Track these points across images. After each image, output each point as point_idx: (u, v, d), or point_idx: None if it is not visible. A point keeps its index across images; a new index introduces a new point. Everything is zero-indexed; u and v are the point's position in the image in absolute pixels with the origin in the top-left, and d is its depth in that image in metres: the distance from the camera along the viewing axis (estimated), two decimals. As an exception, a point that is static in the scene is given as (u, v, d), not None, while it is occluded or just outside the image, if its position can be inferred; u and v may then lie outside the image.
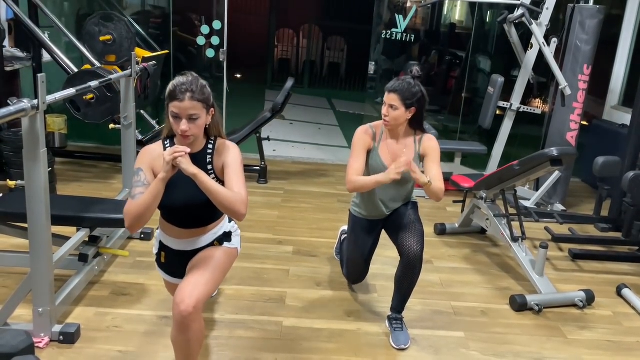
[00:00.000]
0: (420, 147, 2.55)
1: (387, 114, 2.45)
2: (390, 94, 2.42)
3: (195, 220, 1.97)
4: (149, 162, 1.89)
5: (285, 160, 5.52)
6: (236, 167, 1.90)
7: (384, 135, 2.56)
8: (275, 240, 3.63)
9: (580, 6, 4.14)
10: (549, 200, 4.43)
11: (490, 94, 4.37)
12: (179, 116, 1.79)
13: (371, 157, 2.54)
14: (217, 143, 1.95)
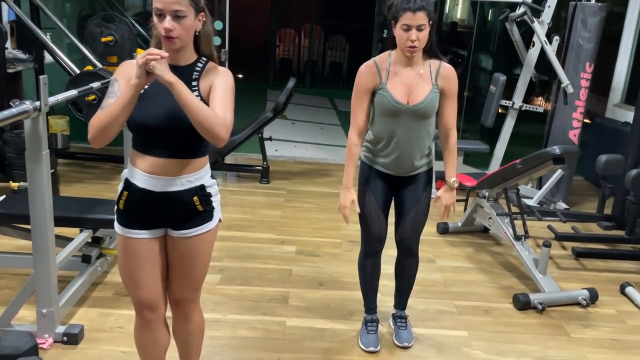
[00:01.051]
0: (439, 78, 2.19)
1: (416, 38, 2.04)
2: (417, 12, 2.01)
3: (168, 146, 1.66)
4: (128, 74, 1.62)
5: (288, 160, 5.52)
6: (225, 90, 1.67)
7: (392, 67, 2.20)
8: (278, 240, 3.63)
9: (582, 4, 4.13)
10: (552, 199, 4.42)
11: (492, 93, 4.36)
12: (163, 13, 1.57)
13: (379, 95, 2.20)
14: (208, 64, 1.72)
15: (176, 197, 1.70)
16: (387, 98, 2.17)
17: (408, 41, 2.06)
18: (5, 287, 2.81)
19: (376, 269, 2.49)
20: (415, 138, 2.23)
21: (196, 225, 1.75)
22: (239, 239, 3.60)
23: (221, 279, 3.06)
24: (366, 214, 2.37)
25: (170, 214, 1.73)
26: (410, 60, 2.16)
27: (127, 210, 1.73)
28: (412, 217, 2.36)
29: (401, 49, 2.13)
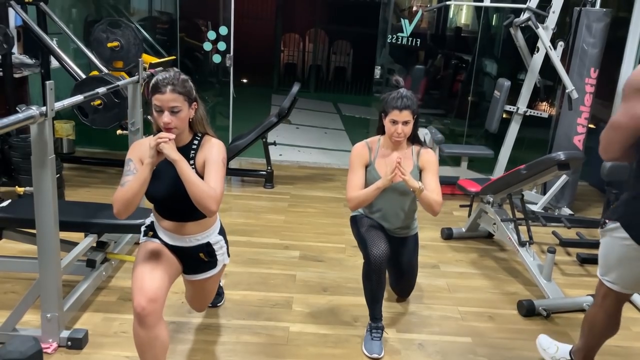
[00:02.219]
0: (419, 159, 2.59)
1: (401, 131, 2.46)
2: (404, 111, 2.43)
3: (176, 213, 2.03)
4: (139, 154, 1.97)
5: (292, 165, 5.53)
6: (216, 162, 1.96)
7: (381, 150, 2.60)
8: (282, 245, 3.64)
9: (586, 10, 4.12)
10: (557, 204, 4.40)
11: (497, 98, 4.36)
12: (162, 109, 1.87)
13: (368, 172, 2.59)
14: (203, 139, 2.02)
15: (185, 251, 2.10)
16: (374, 175, 2.55)
17: (395, 133, 2.46)
18: (10, 292, 2.82)
19: (381, 281, 2.53)
20: (399, 210, 2.64)
21: (202, 271, 2.19)
22: (243, 244, 3.61)
23: (225, 284, 3.06)
24: (366, 236, 2.56)
25: (182, 261, 2.13)
26: (396, 146, 2.56)
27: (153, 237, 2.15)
28: (408, 279, 2.88)
29: (389, 137, 2.53)
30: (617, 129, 1.82)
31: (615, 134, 1.83)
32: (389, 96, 2.50)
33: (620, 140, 1.82)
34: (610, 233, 2.01)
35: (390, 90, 2.56)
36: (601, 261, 2.12)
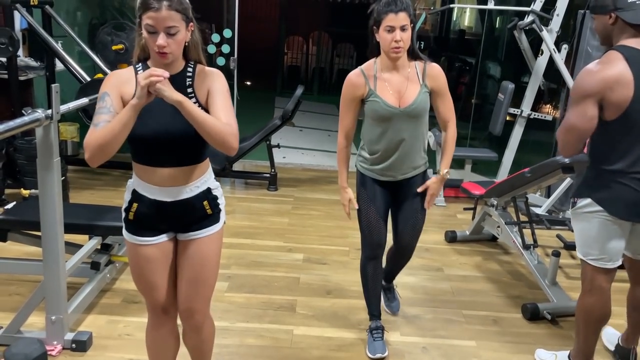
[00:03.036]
0: (426, 77, 2.23)
1: (400, 38, 2.07)
2: (400, 13, 2.05)
3: (172, 157, 1.68)
4: (118, 86, 1.65)
5: (295, 167, 5.53)
6: (224, 95, 1.69)
7: (379, 74, 2.23)
8: (285, 248, 3.64)
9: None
10: (561, 207, 4.39)
11: (501, 101, 4.35)
12: (156, 29, 1.56)
13: (371, 103, 2.23)
14: (197, 67, 1.72)
15: (187, 204, 1.74)
16: (380, 104, 2.21)
17: (393, 42, 2.09)
18: (14, 294, 2.83)
19: (378, 272, 2.52)
20: (409, 139, 2.27)
21: (204, 227, 1.79)
22: (247, 247, 3.61)
23: (229, 286, 3.06)
24: (365, 222, 2.40)
25: (181, 220, 1.77)
26: (396, 64, 2.20)
27: (138, 220, 1.76)
28: (412, 225, 2.43)
29: (386, 52, 2.16)
30: (573, 130, 2.03)
31: (572, 136, 2.03)
32: (378, 3, 2.12)
33: (577, 139, 2.04)
34: (582, 210, 2.15)
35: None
36: (580, 241, 2.22)
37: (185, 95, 1.61)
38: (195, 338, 1.93)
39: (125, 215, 1.77)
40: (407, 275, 3.33)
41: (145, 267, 1.78)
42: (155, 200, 1.72)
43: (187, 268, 1.80)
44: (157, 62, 1.65)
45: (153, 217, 1.74)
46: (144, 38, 1.61)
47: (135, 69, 1.71)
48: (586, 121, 1.98)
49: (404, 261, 2.66)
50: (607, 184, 2.07)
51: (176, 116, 1.59)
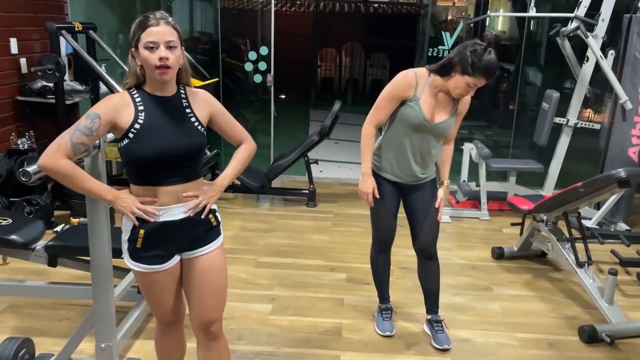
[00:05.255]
0: (460, 102, 2.42)
1: (467, 93, 2.30)
2: (489, 80, 2.23)
3: (179, 174, 1.74)
4: (112, 113, 1.67)
5: (333, 182, 5.49)
6: (227, 112, 1.87)
7: (428, 87, 2.35)
8: (328, 267, 3.59)
9: (637, 17, 3.95)
10: (612, 219, 4.21)
11: (545, 110, 4.21)
12: (156, 44, 1.62)
13: (409, 107, 2.34)
14: (187, 91, 1.80)
15: (194, 221, 1.80)
16: (417, 112, 2.33)
17: (461, 94, 2.30)
18: (64, 318, 2.87)
19: (387, 263, 2.78)
20: (426, 153, 2.44)
21: (212, 239, 1.86)
22: (289, 266, 3.58)
23: (273, 309, 3.03)
24: (377, 218, 2.63)
25: (189, 238, 1.81)
26: (443, 87, 2.35)
27: (146, 247, 1.77)
28: (428, 227, 2.56)
29: (450, 91, 2.32)
30: None
31: None
32: (478, 54, 2.17)
33: None
34: None
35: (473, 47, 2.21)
36: None
37: (185, 116, 1.73)
38: (215, 349, 1.95)
39: (130, 245, 1.77)
40: (454, 295, 3.24)
41: (156, 290, 1.85)
42: (164, 221, 1.74)
43: (205, 282, 1.85)
44: (155, 84, 1.70)
45: (162, 240, 1.76)
46: (143, 59, 1.64)
47: (132, 95, 1.73)
48: None
49: (433, 269, 2.68)
50: None
51: (180, 131, 1.70)
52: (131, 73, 1.73)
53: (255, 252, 3.72)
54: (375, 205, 2.57)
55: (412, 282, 2.87)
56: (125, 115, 1.68)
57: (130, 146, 1.68)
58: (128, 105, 1.69)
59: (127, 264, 1.81)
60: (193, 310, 1.89)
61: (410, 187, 2.54)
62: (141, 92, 1.73)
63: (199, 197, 1.80)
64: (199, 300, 1.86)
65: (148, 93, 1.73)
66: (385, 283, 2.85)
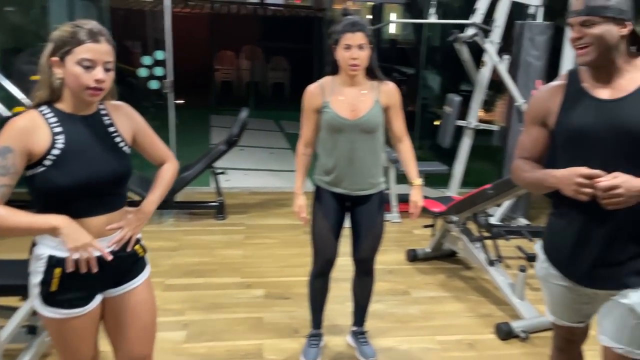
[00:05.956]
0: (380, 93, 2.33)
1: (357, 56, 2.19)
2: (356, 33, 2.17)
3: (107, 202, 1.56)
4: (24, 141, 1.43)
5: (242, 192, 5.28)
6: (149, 128, 1.72)
7: (336, 88, 2.32)
8: (244, 284, 3.40)
9: (529, 23, 4.20)
10: (512, 215, 4.44)
11: (448, 114, 4.34)
12: (93, 63, 1.44)
13: (325, 113, 2.32)
14: (107, 105, 1.63)
15: (121, 252, 1.61)
16: (332, 115, 2.31)
17: (350, 59, 2.21)
18: None
19: (325, 288, 2.60)
20: (361, 152, 2.34)
21: (139, 273, 1.70)
22: (201, 287, 3.34)
23: (187, 335, 2.79)
24: (317, 237, 2.47)
25: (116, 272, 1.63)
26: (353, 80, 2.30)
27: (63, 289, 1.54)
28: (370, 239, 2.47)
29: (344, 69, 2.27)
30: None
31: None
32: (338, 23, 2.26)
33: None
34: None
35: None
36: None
37: (108, 135, 1.56)
38: None
39: (44, 289, 1.52)
40: (375, 302, 3.17)
41: (74, 339, 1.60)
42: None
43: (135, 320, 1.69)
44: (76, 102, 1.51)
45: (84, 280, 1.52)
46: (72, 75, 1.44)
47: (43, 115, 1.49)
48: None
49: (368, 284, 2.61)
50: None
51: (105, 155, 1.53)
52: (45, 85, 1.49)
53: (162, 274, 3.42)
54: (315, 222, 2.46)
55: (336, 291, 2.79)
56: (39, 140, 1.46)
57: (45, 175, 1.46)
58: (40, 127, 1.47)
59: (39, 311, 1.55)
60: (121, 349, 1.71)
61: (357, 198, 2.42)
62: (55, 110, 1.51)
63: (124, 228, 1.61)
64: (128, 339, 1.70)
65: (64, 112, 1.50)
66: (320, 309, 2.64)
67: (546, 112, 1.65)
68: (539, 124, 1.68)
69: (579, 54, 1.51)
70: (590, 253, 1.59)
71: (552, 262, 1.70)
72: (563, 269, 1.67)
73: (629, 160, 1.50)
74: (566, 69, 4.47)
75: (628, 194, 1.45)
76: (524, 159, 1.74)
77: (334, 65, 2.31)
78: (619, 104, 1.51)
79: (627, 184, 1.45)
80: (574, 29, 1.51)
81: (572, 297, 1.70)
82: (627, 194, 1.45)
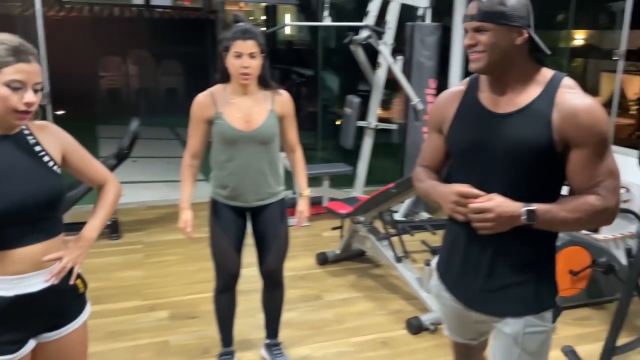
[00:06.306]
0: (275, 103, 2.28)
1: (248, 65, 2.13)
2: (248, 40, 2.11)
3: (40, 229, 1.41)
4: None
5: (138, 207, 4.94)
6: (82, 148, 1.60)
7: (228, 97, 2.24)
8: (146, 307, 3.16)
9: (418, 24, 4.35)
10: (415, 209, 4.58)
11: (349, 115, 4.38)
12: (24, 85, 1.33)
13: (217, 124, 2.24)
14: (29, 125, 1.50)
15: (60, 287, 1.45)
16: (225, 126, 2.23)
17: (240, 68, 2.14)
18: None
19: (232, 303, 2.50)
20: (258, 164, 2.29)
21: (78, 313, 1.54)
22: (98, 314, 3.01)
23: (84, 372, 2.51)
24: (218, 252, 2.37)
25: (54, 312, 1.47)
26: (245, 89, 2.24)
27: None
28: (276, 249, 2.40)
29: (235, 77, 2.20)
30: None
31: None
32: (229, 31, 2.18)
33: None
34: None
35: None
36: None
37: (35, 155, 1.43)
38: None
39: None
40: (288, 311, 3.09)
41: None
42: (18, 295, 1.37)
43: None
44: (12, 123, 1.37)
45: (16, 321, 1.38)
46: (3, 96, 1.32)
47: None
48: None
49: (278, 296, 2.54)
50: None
51: (34, 176, 1.39)
52: None
53: (52, 305, 3.08)
54: (213, 237, 2.36)
55: (245, 304, 2.66)
56: None
57: None
58: None
59: None
60: None
61: (257, 209, 2.36)
62: None
63: (64, 258, 1.45)
64: None
65: None
66: (229, 326, 2.54)
67: (442, 119, 1.55)
68: (438, 131, 1.58)
69: (471, 59, 1.39)
70: (476, 277, 1.49)
71: (443, 282, 1.61)
72: (453, 290, 1.58)
73: (512, 180, 1.39)
74: (455, 68, 4.72)
75: (499, 219, 1.34)
76: (424, 167, 1.65)
77: (225, 74, 2.23)
78: (507, 119, 1.39)
79: (500, 208, 1.34)
80: (468, 35, 1.39)
81: (464, 317, 1.61)
82: (498, 219, 1.34)
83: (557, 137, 1.34)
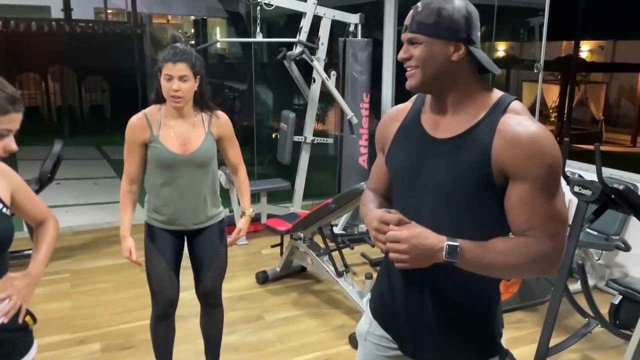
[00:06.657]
0: (212, 126, 2.22)
1: (179, 88, 2.05)
2: (178, 63, 2.04)
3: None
4: None
5: (63, 233, 4.62)
6: (27, 185, 1.54)
7: (164, 120, 2.17)
8: (75, 340, 2.95)
9: (350, 40, 4.41)
10: (354, 222, 4.60)
11: (285, 130, 4.35)
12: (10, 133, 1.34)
13: (153, 148, 2.16)
14: None
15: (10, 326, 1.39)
16: (161, 150, 2.16)
17: (171, 91, 2.08)
18: None
19: (170, 332, 2.40)
20: (196, 187, 2.23)
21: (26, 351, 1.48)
22: (21, 353, 2.80)
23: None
24: (154, 278, 2.27)
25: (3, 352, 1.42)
26: (180, 111, 2.17)
27: None
28: (214, 270, 2.33)
29: (167, 100, 2.14)
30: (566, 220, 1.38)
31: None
32: (163, 52, 2.13)
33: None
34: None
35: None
36: None
37: None
38: None
39: None
40: (227, 334, 2.98)
41: None
42: None
43: None
44: None
45: None
46: None
47: None
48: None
49: (217, 318, 2.46)
50: None
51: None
52: None
53: (-33, 347, 2.80)
54: (149, 262, 2.25)
55: (184, 330, 2.54)
56: None
57: None
58: None
59: None
60: None
61: (194, 231, 2.28)
62: None
63: (12, 297, 1.40)
64: None
65: None
66: (167, 354, 2.43)
67: (385, 139, 1.40)
68: (382, 151, 1.42)
69: (407, 75, 1.25)
70: (414, 317, 1.32)
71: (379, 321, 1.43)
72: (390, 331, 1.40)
73: (449, 212, 1.23)
74: (387, 83, 4.82)
75: (414, 251, 1.15)
76: (371, 189, 1.48)
77: (159, 94, 2.16)
78: (444, 146, 1.23)
79: (415, 239, 1.15)
80: (403, 47, 1.24)
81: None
82: (412, 251, 1.15)
83: (495, 169, 1.17)
